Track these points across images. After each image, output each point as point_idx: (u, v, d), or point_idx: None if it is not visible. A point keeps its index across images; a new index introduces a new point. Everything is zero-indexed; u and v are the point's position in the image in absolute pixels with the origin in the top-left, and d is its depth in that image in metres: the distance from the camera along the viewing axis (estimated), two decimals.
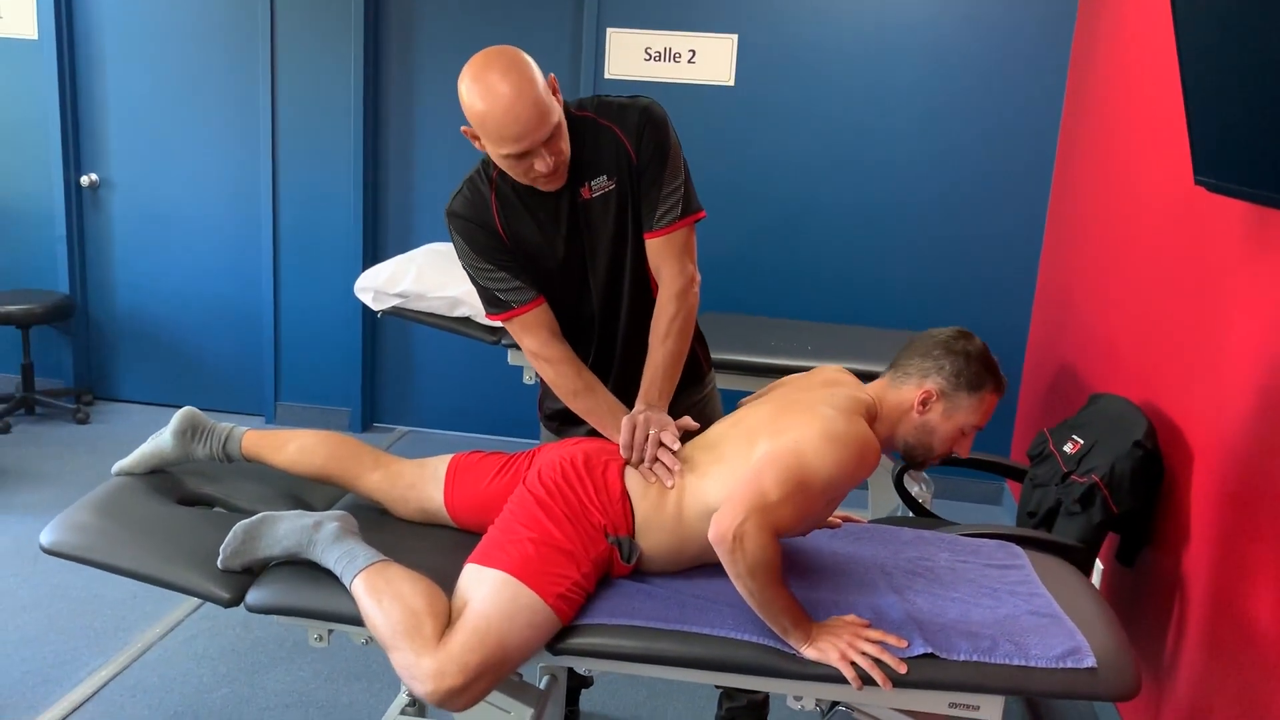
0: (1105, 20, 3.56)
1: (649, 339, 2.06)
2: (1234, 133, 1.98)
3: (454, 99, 4.52)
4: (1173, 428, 2.49)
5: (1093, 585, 2.03)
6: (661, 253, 2.04)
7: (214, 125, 4.69)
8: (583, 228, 2.03)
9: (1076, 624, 1.78)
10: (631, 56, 4.30)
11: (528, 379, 3.57)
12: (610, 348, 2.14)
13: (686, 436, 1.97)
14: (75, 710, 2.61)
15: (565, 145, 1.90)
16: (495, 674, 1.69)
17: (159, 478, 2.15)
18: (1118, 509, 2.42)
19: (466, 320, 3.38)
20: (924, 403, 1.82)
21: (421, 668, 1.65)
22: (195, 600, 3.18)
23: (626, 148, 1.99)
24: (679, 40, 4.25)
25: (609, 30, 4.29)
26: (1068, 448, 2.68)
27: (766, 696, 2.53)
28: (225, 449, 2.10)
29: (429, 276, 3.37)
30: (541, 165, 1.86)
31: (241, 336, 4.90)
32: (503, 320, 2.08)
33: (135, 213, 4.84)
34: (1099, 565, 2.81)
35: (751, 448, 1.79)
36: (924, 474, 3.55)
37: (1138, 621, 2.59)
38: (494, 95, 1.79)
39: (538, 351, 2.07)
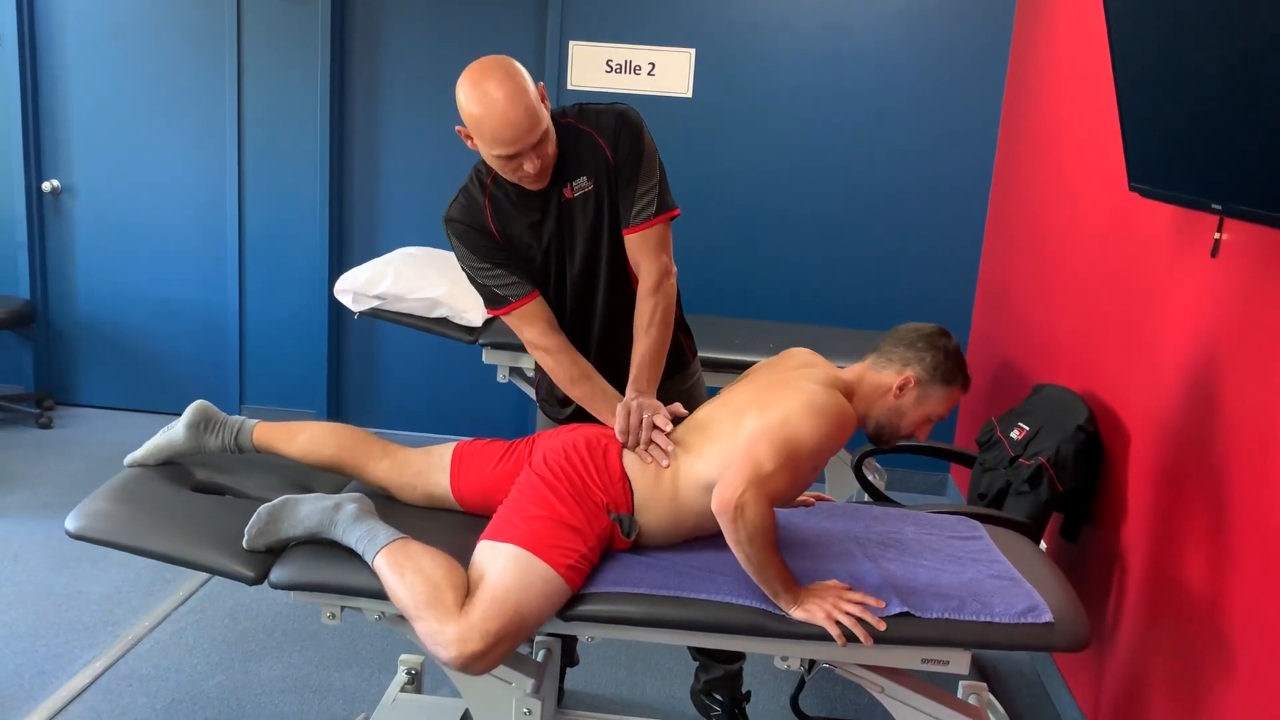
0: (1041, 35, 3.81)
1: (634, 330, 2.21)
2: (1164, 145, 2.21)
3: (417, 107, 4.64)
4: (1111, 413, 2.72)
5: (1044, 553, 2.23)
6: (639, 248, 2.20)
7: (178, 131, 4.74)
8: (565, 225, 2.19)
9: (1033, 585, 1.98)
10: (593, 68, 4.46)
11: (501, 377, 3.71)
12: (586, 336, 2.29)
13: (676, 420, 2.13)
14: (76, 698, 2.69)
15: (552, 149, 2.07)
16: (513, 639, 1.83)
17: (171, 468, 2.25)
18: (1062, 487, 2.64)
19: (444, 321, 3.51)
20: (902, 388, 2.00)
21: (446, 635, 1.79)
22: (182, 593, 3.26)
23: (604, 150, 2.16)
24: (639, 54, 4.42)
25: (571, 43, 4.45)
26: (1014, 434, 2.90)
27: (740, 669, 2.70)
28: (237, 440, 2.21)
29: (407, 279, 3.49)
30: (530, 166, 2.02)
31: (205, 341, 4.95)
32: (503, 314, 2.22)
33: (98, 218, 4.87)
34: (1043, 544, 3.03)
35: (739, 425, 1.95)
36: (877, 464, 3.77)
37: (1082, 591, 2.81)
38: (490, 101, 1.95)
39: (536, 342, 2.21)
